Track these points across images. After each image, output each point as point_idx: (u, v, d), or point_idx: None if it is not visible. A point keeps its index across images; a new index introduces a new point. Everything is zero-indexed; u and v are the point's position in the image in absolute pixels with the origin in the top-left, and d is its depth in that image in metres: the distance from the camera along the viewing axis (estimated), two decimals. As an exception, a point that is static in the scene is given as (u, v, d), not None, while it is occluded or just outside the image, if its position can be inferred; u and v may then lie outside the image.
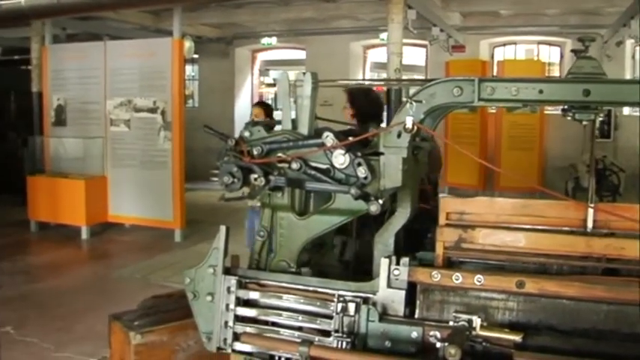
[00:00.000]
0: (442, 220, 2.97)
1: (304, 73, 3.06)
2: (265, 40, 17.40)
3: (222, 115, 16.58)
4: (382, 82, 16.46)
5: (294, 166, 2.93)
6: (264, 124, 3.11)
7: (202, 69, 18.82)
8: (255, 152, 3.00)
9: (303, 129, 3.05)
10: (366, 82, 16.89)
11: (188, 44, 13.10)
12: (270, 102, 19.94)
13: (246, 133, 3.08)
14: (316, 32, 16.07)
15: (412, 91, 2.95)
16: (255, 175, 2.97)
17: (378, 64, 17.77)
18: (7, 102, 13.99)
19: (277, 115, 5.22)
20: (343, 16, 15.21)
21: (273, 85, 20.07)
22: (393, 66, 9.88)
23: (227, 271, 3.12)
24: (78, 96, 11.42)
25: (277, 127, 3.17)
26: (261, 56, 19.00)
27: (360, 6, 13.91)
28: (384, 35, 14.24)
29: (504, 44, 16.19)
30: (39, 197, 11.15)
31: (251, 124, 3.12)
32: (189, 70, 18.55)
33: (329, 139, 2.87)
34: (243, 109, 18.02)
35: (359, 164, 2.82)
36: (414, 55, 17.10)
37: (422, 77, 15.73)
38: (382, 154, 2.86)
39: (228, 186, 3.00)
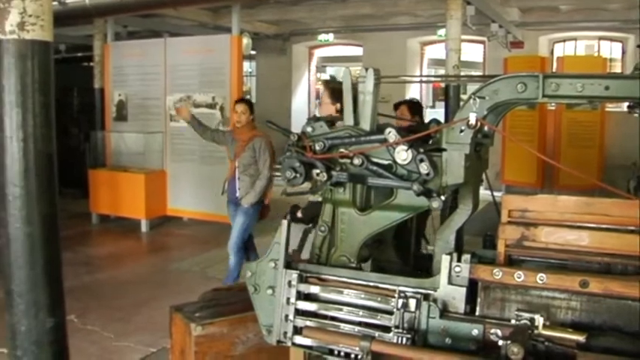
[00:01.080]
0: (504, 217, 2.94)
1: (367, 69, 3.07)
2: (322, 37, 17.39)
3: (280, 112, 16.63)
4: (440, 79, 16.34)
5: (356, 161, 2.94)
6: (326, 120, 3.13)
7: (260, 65, 18.94)
8: (317, 147, 3.02)
9: (365, 125, 3.06)
10: (424, 79, 16.82)
11: (246, 41, 13.19)
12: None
13: (309, 129, 3.10)
14: (373, 29, 16.01)
15: (470, 87, 2.94)
16: (318, 171, 3.00)
17: (436, 61, 17.66)
18: (70, 98, 14.25)
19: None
20: (401, 13, 15.12)
21: (330, 81, 20.08)
22: (451, 62, 9.78)
23: (288, 265, 3.15)
24: (138, 92, 11.61)
25: (339, 123, 3.19)
26: (318, 53, 19.03)
27: (418, 2, 13.82)
28: (441, 31, 14.14)
29: (564, 40, 15.87)
30: (100, 190, 11.40)
31: (313, 119, 3.15)
32: (247, 66, 18.69)
33: (392, 134, 2.87)
34: (300, 105, 18.10)
35: (421, 160, 2.82)
36: (472, 52, 16.93)
37: (480, 74, 15.53)
38: (445, 150, 2.86)
39: (290, 181, 3.03)
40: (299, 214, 5.31)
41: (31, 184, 2.54)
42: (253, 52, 17.89)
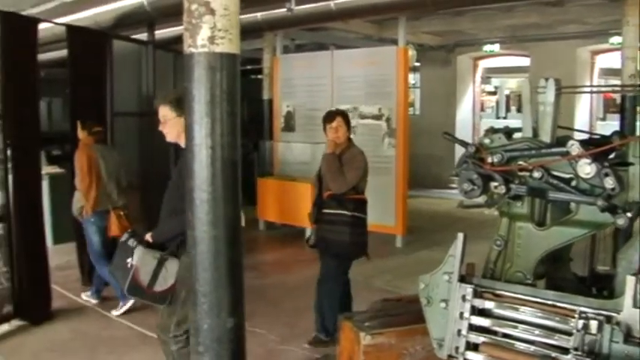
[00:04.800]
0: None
1: (547, 80, 2.99)
2: (487, 47, 17.03)
3: (444, 123, 16.39)
4: (616, 89, 15.58)
5: (536, 174, 2.86)
6: (504, 132, 3.07)
7: (424, 77, 18.84)
8: (495, 160, 2.96)
9: (546, 137, 2.98)
10: (603, 89, 16.10)
11: (411, 52, 13.19)
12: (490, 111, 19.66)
13: (487, 140, 3.06)
14: (540, 38, 15.49)
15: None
16: (496, 183, 2.94)
17: (607, 70, 16.86)
18: (240, 109, 14.80)
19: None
20: (570, 21, 14.53)
21: (495, 93, 19.67)
22: (627, 72, 9.31)
23: (462, 279, 3.11)
24: (306, 103, 11.86)
25: (517, 135, 3.12)
26: (483, 63, 18.65)
27: (589, 9, 13.23)
28: (614, 39, 13.49)
29: None
30: (267, 198, 11.73)
31: (491, 131, 3.10)
32: (411, 77, 18.63)
33: (574, 147, 2.77)
34: (465, 116, 17.83)
35: (606, 174, 2.69)
36: (649, 61, 16.00)
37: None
38: (631, 164, 2.72)
39: (467, 193, 2.99)
40: (148, 237, 4.82)
41: (217, 189, 2.67)
42: (417, 64, 17.83)
